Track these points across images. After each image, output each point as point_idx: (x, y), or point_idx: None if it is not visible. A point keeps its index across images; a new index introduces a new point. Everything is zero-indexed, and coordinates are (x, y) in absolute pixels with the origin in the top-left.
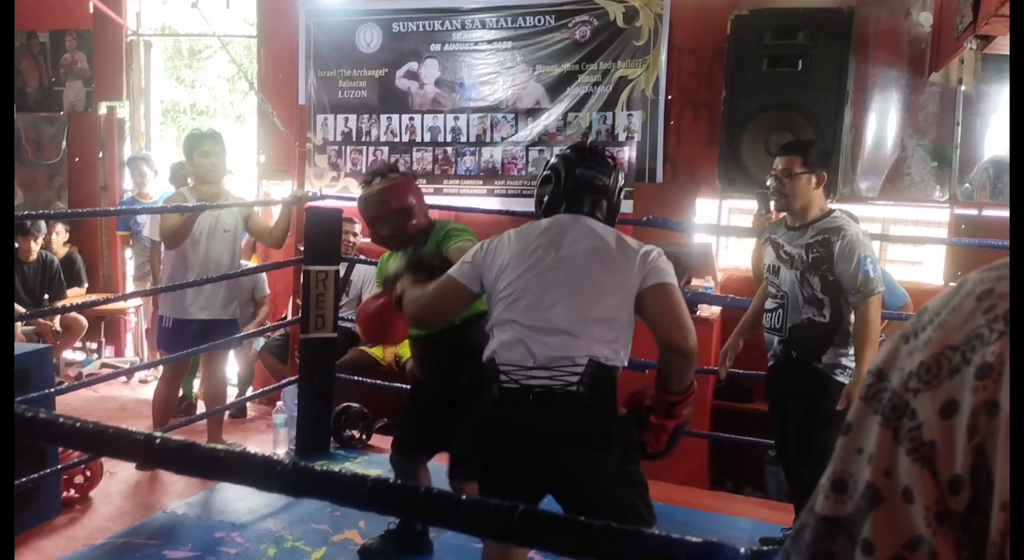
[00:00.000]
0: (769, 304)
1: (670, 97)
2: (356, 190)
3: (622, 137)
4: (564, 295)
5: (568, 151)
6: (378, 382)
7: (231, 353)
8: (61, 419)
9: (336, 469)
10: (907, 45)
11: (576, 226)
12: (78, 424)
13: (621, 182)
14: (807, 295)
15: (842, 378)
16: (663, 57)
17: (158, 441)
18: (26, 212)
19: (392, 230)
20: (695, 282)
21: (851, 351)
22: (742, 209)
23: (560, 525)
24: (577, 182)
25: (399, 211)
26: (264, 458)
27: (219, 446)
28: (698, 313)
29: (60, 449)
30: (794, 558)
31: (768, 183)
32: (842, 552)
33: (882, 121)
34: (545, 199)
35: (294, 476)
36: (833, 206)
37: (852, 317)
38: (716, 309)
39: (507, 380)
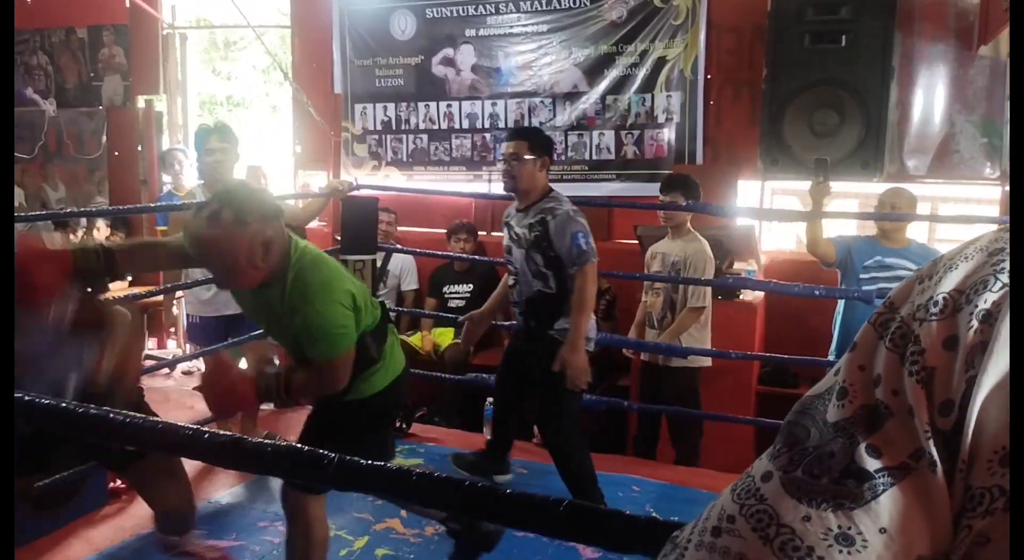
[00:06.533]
0: (510, 281)
1: (709, 76)
2: (398, 178)
3: (661, 119)
4: None
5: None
6: (417, 371)
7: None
8: (111, 415)
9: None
10: (954, 18)
11: None
12: (127, 419)
13: None
14: (534, 271)
15: (556, 331)
16: (702, 35)
17: (206, 436)
18: (32, 212)
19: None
20: (737, 266)
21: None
22: (785, 190)
23: (608, 518)
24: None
25: (224, 268)
26: (312, 453)
27: (257, 439)
28: (741, 297)
29: None
30: (783, 451)
31: (499, 166)
32: (842, 451)
33: (929, 97)
34: None
35: (341, 470)
36: (552, 186)
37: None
38: (759, 294)
39: None
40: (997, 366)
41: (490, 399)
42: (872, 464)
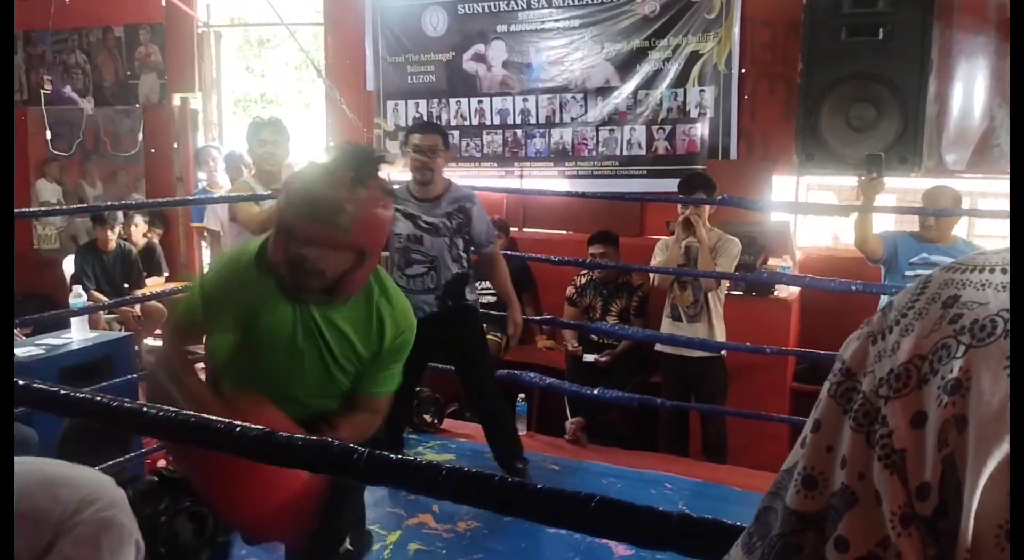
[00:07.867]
0: (419, 269)
1: (743, 70)
2: None
3: (694, 113)
4: None
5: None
6: (448, 367)
7: None
8: (145, 408)
9: (410, 455)
10: (994, 9)
11: None
12: (159, 412)
13: None
14: (454, 255)
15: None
16: (736, 29)
17: (237, 430)
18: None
19: (317, 273)
20: (772, 261)
21: (475, 284)
22: (821, 185)
23: (640, 514)
24: None
25: (351, 250)
26: (342, 446)
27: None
28: (776, 293)
29: None
30: (758, 544)
31: (410, 157)
32: (811, 546)
33: (969, 90)
34: None
35: (370, 464)
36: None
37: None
38: (794, 289)
39: None
40: (1000, 447)
41: (522, 395)
42: (841, 559)
